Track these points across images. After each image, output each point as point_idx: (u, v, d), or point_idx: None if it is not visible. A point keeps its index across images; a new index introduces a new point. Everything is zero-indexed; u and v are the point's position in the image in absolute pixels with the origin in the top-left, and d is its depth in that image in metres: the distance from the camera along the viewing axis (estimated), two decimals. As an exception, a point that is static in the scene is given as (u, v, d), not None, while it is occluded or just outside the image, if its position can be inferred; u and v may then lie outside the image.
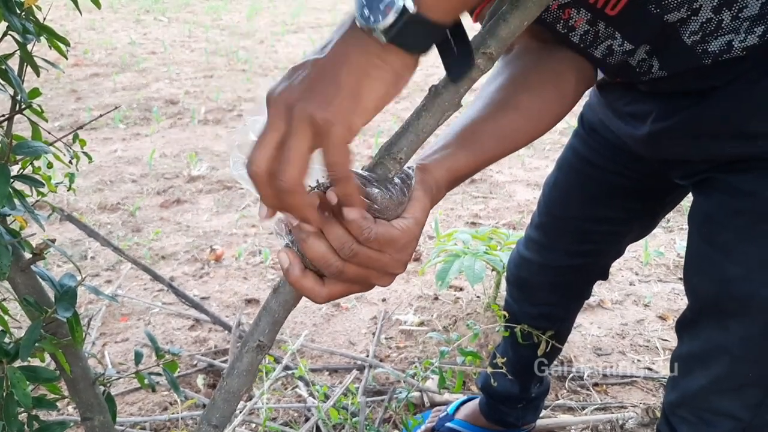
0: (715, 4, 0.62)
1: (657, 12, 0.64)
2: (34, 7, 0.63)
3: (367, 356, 1.66)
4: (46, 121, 0.76)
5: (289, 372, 1.57)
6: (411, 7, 0.47)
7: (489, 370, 1.25)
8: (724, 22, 0.63)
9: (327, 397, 1.47)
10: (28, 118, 0.71)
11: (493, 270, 1.76)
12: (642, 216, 1.01)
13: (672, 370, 0.81)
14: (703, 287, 0.75)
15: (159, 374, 0.87)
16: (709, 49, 0.65)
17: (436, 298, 1.96)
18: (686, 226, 0.78)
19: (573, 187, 1.03)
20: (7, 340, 0.69)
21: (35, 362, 0.78)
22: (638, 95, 0.77)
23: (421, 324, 1.83)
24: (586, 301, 1.28)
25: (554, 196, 1.06)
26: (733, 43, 0.64)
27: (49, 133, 0.79)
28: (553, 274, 1.11)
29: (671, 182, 0.84)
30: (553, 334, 1.17)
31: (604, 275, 1.13)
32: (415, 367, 1.61)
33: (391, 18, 0.47)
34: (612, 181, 0.96)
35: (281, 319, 0.64)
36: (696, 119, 0.70)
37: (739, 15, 0.62)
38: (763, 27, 0.62)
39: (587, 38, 0.72)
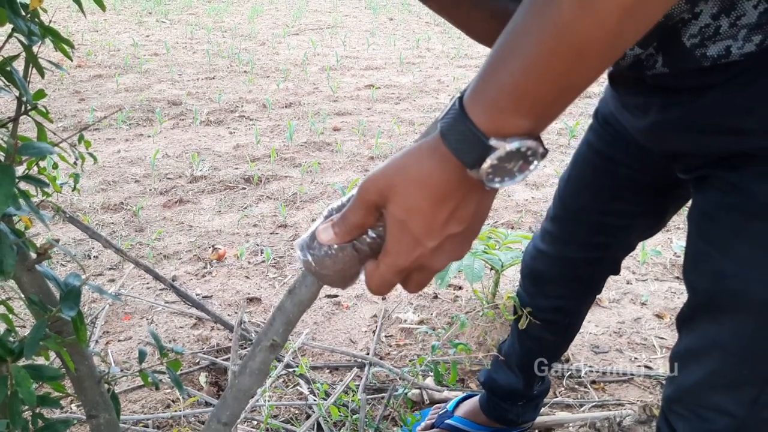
0: (714, 10, 0.63)
1: (661, 18, 0.65)
2: (39, 9, 0.64)
3: (368, 354, 1.67)
4: (51, 122, 0.77)
5: (291, 370, 1.58)
6: (540, 156, 0.49)
7: (482, 356, 1.27)
8: (722, 28, 0.64)
9: (328, 394, 1.49)
10: (33, 119, 0.72)
11: (492, 269, 1.77)
12: (652, 210, 1.03)
13: (671, 368, 0.82)
14: (699, 283, 0.76)
15: (162, 372, 0.88)
16: (708, 54, 0.66)
17: (436, 297, 1.98)
18: (683, 226, 0.79)
19: (586, 179, 1.04)
20: (12, 338, 0.70)
21: (40, 360, 0.79)
22: (644, 88, 0.78)
23: (421, 322, 1.85)
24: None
25: (568, 188, 1.08)
26: (731, 49, 0.64)
27: (54, 133, 0.81)
28: (567, 267, 1.13)
29: (678, 177, 0.85)
30: (531, 311, 1.20)
31: (616, 270, 1.15)
32: (411, 362, 1.63)
33: (524, 177, 0.50)
34: (624, 173, 0.98)
35: (295, 319, 0.64)
36: (694, 113, 0.71)
37: (737, 22, 0.63)
38: (760, 36, 0.63)
39: None
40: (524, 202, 2.67)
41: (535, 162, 0.49)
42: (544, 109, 0.46)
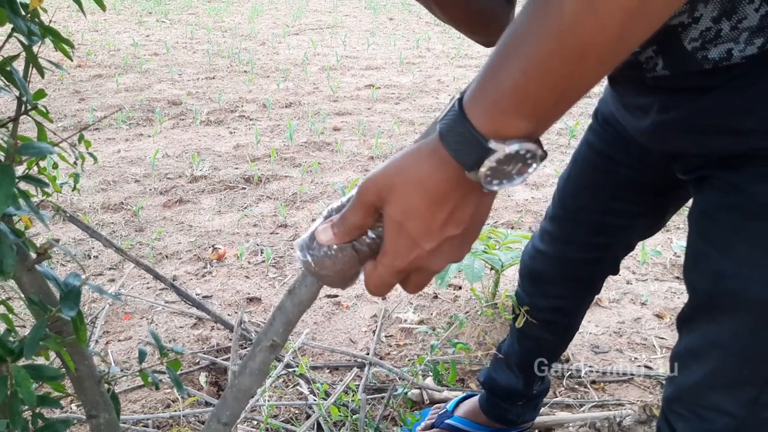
0: (715, 14, 0.63)
1: None
2: (39, 9, 0.64)
3: (368, 354, 1.67)
4: (51, 122, 0.77)
5: (291, 370, 1.58)
6: (540, 159, 0.49)
7: (480, 355, 1.27)
8: (723, 31, 0.64)
9: (328, 394, 1.49)
10: (33, 119, 0.72)
11: (492, 269, 1.77)
12: (652, 210, 1.03)
13: (672, 368, 0.82)
14: (699, 283, 0.76)
15: (162, 372, 0.88)
16: (709, 56, 0.66)
17: (436, 297, 1.98)
18: (683, 226, 0.80)
19: (586, 179, 1.04)
20: (12, 338, 0.70)
21: (40, 360, 0.79)
22: (644, 88, 0.78)
23: (421, 322, 1.85)
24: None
25: (568, 188, 1.08)
26: (733, 51, 0.64)
27: (54, 133, 0.81)
28: (567, 267, 1.13)
29: (677, 177, 0.85)
30: (528, 310, 1.20)
31: (615, 270, 1.14)
32: (410, 362, 1.63)
33: (522, 180, 0.50)
34: (624, 173, 0.98)
35: (295, 319, 0.64)
36: (694, 114, 0.71)
37: (738, 25, 0.63)
38: (762, 39, 0.63)
39: None
40: (524, 202, 2.68)
41: (534, 165, 0.48)
42: (544, 111, 0.46)
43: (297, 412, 1.48)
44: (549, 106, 0.46)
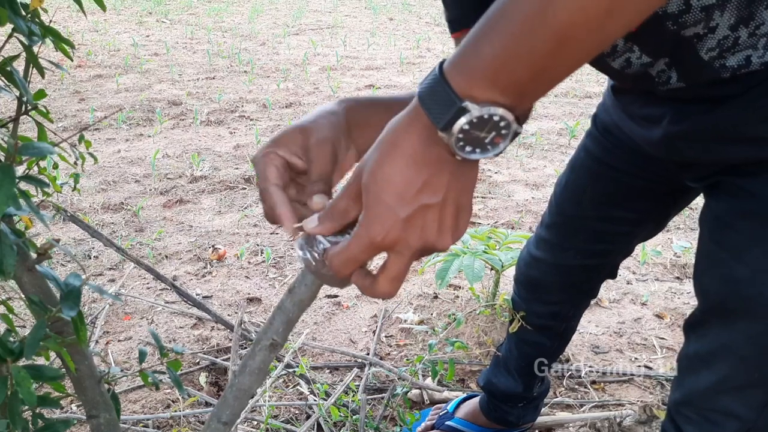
0: (732, 22, 0.62)
1: (674, 29, 0.64)
2: (39, 9, 0.64)
3: (368, 354, 1.67)
4: (52, 122, 0.77)
5: (291, 370, 1.58)
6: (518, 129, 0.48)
7: (479, 353, 1.27)
8: (741, 39, 0.63)
9: (328, 394, 1.49)
10: (34, 119, 0.72)
11: (492, 269, 1.77)
12: (654, 216, 1.02)
13: (679, 371, 0.82)
14: (711, 287, 0.75)
15: (162, 372, 0.88)
16: (727, 65, 0.65)
17: (436, 297, 1.98)
18: (683, 226, 0.79)
19: (586, 186, 1.03)
20: (12, 338, 0.69)
21: (40, 361, 0.79)
22: (652, 99, 0.77)
23: (421, 322, 1.85)
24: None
25: (566, 196, 1.06)
26: (752, 58, 0.64)
27: (54, 133, 0.81)
28: (565, 274, 1.12)
29: (683, 183, 0.85)
30: (524, 315, 1.20)
31: (614, 274, 1.14)
32: (408, 362, 1.63)
33: (496, 153, 0.49)
34: (625, 181, 0.97)
35: (295, 318, 0.64)
36: (710, 124, 0.71)
37: (756, 32, 0.62)
38: None
39: (605, 50, 0.73)
40: (524, 202, 2.67)
41: (509, 137, 0.48)
42: (520, 87, 0.46)
43: (297, 412, 1.48)
44: (525, 83, 0.46)
